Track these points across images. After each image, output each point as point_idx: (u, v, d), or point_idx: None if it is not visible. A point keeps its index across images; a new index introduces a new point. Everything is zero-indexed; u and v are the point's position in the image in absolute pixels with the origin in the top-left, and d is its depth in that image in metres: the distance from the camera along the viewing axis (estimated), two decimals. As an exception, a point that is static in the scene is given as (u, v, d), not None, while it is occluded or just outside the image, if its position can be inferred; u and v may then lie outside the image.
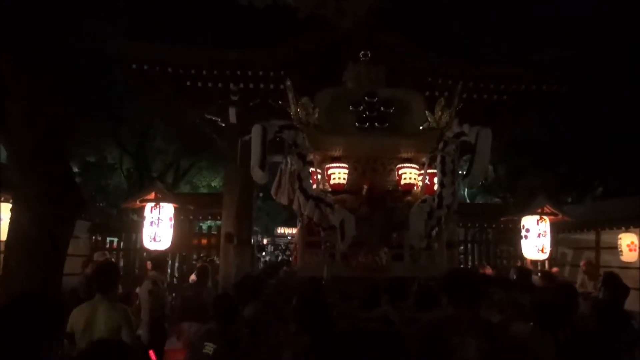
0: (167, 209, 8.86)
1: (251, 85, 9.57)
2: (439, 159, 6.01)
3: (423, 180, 6.15)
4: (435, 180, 6.09)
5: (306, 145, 5.83)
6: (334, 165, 6.09)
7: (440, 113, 6.25)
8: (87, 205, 12.27)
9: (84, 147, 18.79)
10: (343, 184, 6.05)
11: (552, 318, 3.22)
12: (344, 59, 8.80)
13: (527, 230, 9.08)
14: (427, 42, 9.47)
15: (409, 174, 6.16)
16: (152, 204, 8.77)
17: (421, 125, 6.32)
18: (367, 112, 6.20)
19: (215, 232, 11.24)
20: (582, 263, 8.58)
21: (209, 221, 13.34)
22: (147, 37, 9.41)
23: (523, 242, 9.19)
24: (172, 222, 8.92)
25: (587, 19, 13.76)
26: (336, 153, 6.17)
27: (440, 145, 6.04)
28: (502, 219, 10.22)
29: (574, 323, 3.38)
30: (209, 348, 3.14)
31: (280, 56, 9.00)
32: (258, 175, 5.66)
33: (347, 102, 6.32)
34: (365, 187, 5.98)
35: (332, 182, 6.09)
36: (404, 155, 6.26)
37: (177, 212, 9.39)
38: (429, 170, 6.18)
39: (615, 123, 13.32)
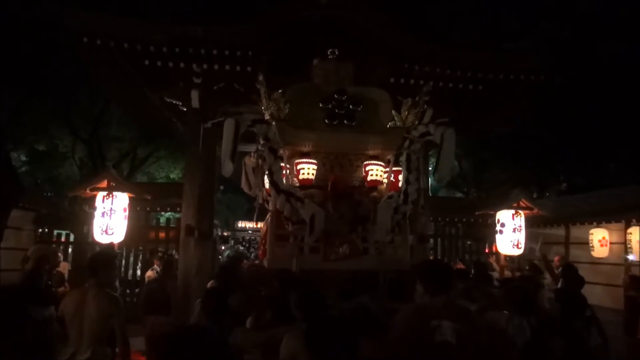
0: (121, 199, 7.95)
1: (216, 67, 8.71)
2: (404, 156, 6.15)
3: (388, 177, 6.25)
4: (400, 177, 6.20)
5: (277, 139, 5.83)
6: (303, 160, 6.09)
7: (406, 113, 6.27)
8: (31, 194, 11.24)
9: (33, 133, 17.43)
10: (312, 179, 6.06)
11: (526, 306, 3.50)
12: (319, 41, 8.17)
13: (503, 225, 8.70)
14: (405, 28, 8.88)
15: (376, 171, 6.22)
16: (105, 193, 7.83)
17: (388, 124, 6.36)
18: (336, 110, 6.19)
19: (175, 225, 10.34)
20: (556, 259, 8.25)
21: (168, 213, 12.44)
22: (102, 8, 8.34)
23: (498, 237, 8.82)
24: (127, 213, 8.00)
25: (559, 9, 13.56)
26: (305, 148, 6.15)
27: (406, 143, 6.17)
28: (477, 212, 9.77)
29: (539, 309, 3.78)
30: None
31: (249, 34, 8.20)
32: (228, 168, 5.61)
33: (317, 98, 6.27)
34: (330, 183, 5.99)
35: (300, 177, 6.08)
36: (371, 152, 6.31)
37: (133, 203, 8.50)
38: (394, 168, 6.26)
39: (584, 116, 13.15)
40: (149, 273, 8.15)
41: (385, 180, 6.29)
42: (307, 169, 6.05)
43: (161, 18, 8.59)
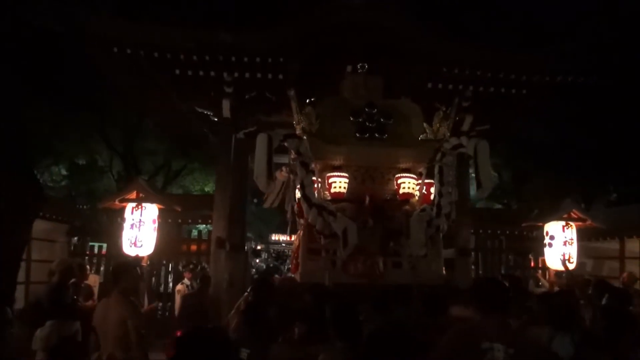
0: (151, 210, 7.68)
1: (247, 75, 8.45)
2: (437, 169, 6.08)
3: (420, 189, 6.20)
4: (432, 189, 6.14)
5: (309, 154, 5.79)
6: (335, 174, 6.08)
7: (438, 125, 6.29)
8: (64, 206, 11.16)
9: (74, 147, 17.62)
10: (343, 192, 6.03)
11: (569, 321, 3.35)
12: (352, 47, 7.80)
13: (552, 238, 8.00)
14: (443, 30, 8.39)
15: (408, 184, 6.18)
16: (134, 204, 7.57)
17: (419, 137, 6.38)
18: (367, 123, 6.19)
19: (206, 238, 10.03)
20: (624, 275, 7.44)
21: (200, 225, 12.17)
22: (130, 17, 8.19)
23: (547, 250, 8.11)
24: (156, 224, 7.72)
25: (604, 9, 12.69)
26: (337, 162, 6.16)
27: (438, 156, 6.09)
28: (523, 224, 9.08)
29: (582, 326, 3.68)
30: (244, 353, 3.23)
31: (280, 40, 7.88)
32: (263, 183, 5.67)
33: (347, 112, 6.27)
34: (367, 197, 5.91)
35: (332, 190, 6.04)
36: (402, 165, 6.26)
37: (163, 214, 8.21)
38: (426, 180, 6.22)
39: (632, 123, 12.22)
40: (179, 287, 7.84)
41: (418, 193, 6.20)
42: (339, 183, 6.01)
43: (186, 25, 8.34)
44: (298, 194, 5.94)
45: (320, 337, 3.11)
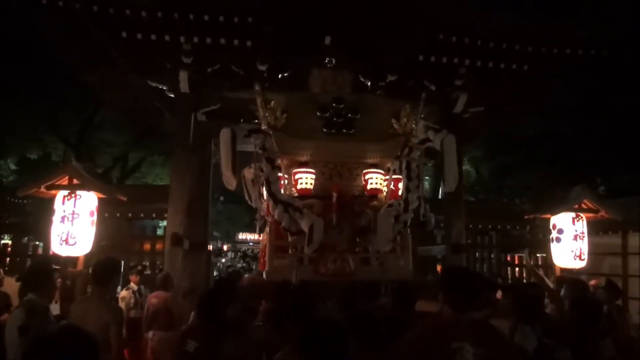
0: (87, 200, 6.01)
1: (209, 40, 6.96)
2: (404, 164, 5.94)
3: (388, 185, 6.01)
4: (400, 185, 5.99)
5: (274, 149, 5.69)
6: (302, 170, 5.89)
7: (405, 120, 6.09)
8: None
9: (23, 140, 15.71)
10: (310, 189, 5.84)
11: (533, 313, 3.16)
12: (337, 11, 6.50)
13: (560, 232, 6.73)
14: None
15: (375, 179, 6.03)
16: (65, 192, 5.88)
17: (387, 132, 6.17)
18: (334, 118, 6.00)
19: (163, 235, 8.41)
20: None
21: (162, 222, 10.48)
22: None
23: (554, 246, 6.86)
24: (95, 217, 6.05)
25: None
26: (303, 158, 5.96)
27: (406, 151, 6.00)
28: (526, 217, 7.83)
29: (547, 318, 3.49)
30: (191, 345, 2.89)
31: (250, -5, 6.37)
32: (230, 180, 5.60)
33: (314, 107, 6.05)
34: (334, 194, 5.65)
35: (299, 187, 5.86)
36: (370, 160, 6.12)
37: (108, 208, 6.58)
38: (393, 176, 6.03)
39: (622, 110, 11.17)
40: (124, 293, 6.19)
41: (386, 189, 6.01)
42: (306, 179, 5.80)
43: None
44: (264, 191, 5.73)
45: (284, 335, 2.91)
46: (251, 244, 33.00)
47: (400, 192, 5.90)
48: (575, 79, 9.01)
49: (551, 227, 6.92)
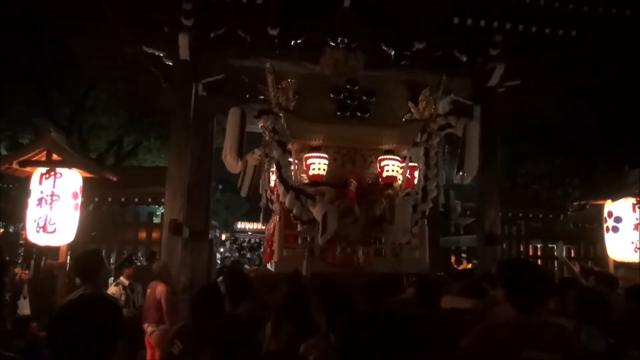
0: (70, 180, 4.98)
1: (213, -1, 5.80)
2: (422, 151, 5.53)
3: (404, 173, 5.55)
4: (416, 173, 5.61)
5: (285, 132, 5.20)
6: (314, 155, 5.34)
7: (424, 104, 5.62)
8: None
9: (14, 123, 14.61)
10: (322, 175, 5.31)
11: (599, 313, 2.72)
12: None
13: (618, 220, 5.77)
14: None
15: (392, 167, 5.49)
16: (43, 170, 4.86)
17: (404, 116, 5.74)
18: (348, 101, 5.54)
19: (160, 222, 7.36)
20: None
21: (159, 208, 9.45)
22: None
23: (609, 236, 5.91)
24: (79, 200, 5.02)
25: None
26: (315, 142, 5.42)
27: (424, 137, 5.55)
28: (575, 203, 6.85)
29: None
30: (176, 347, 2.71)
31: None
32: (232, 163, 5.19)
33: (327, 88, 5.58)
34: (353, 181, 5.19)
35: (311, 172, 5.33)
36: (385, 146, 5.57)
37: (97, 191, 5.54)
38: (410, 163, 5.61)
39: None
40: (113, 289, 5.14)
41: (401, 177, 5.58)
42: (318, 164, 5.29)
43: None
44: (273, 177, 5.37)
45: (308, 333, 2.59)
46: (249, 233, 32.07)
47: (416, 181, 5.54)
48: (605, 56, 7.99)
49: (606, 215, 5.97)
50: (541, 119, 12.35)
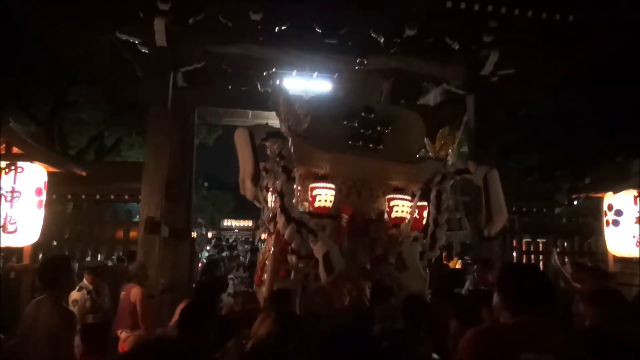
0: (33, 175, 4.51)
1: (191, -22, 5.35)
2: (434, 193, 5.06)
3: (412, 212, 5.03)
4: (425, 214, 5.14)
5: (292, 158, 4.65)
6: (321, 185, 4.87)
7: (441, 142, 5.40)
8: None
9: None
10: (328, 207, 4.83)
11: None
12: None
13: (618, 213, 5.46)
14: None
15: (401, 207, 4.96)
16: (2, 163, 4.38)
17: (418, 153, 5.44)
18: (362, 130, 5.05)
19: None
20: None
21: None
22: None
23: (609, 230, 5.61)
24: (43, 197, 4.56)
25: None
26: (322, 171, 4.93)
27: (437, 178, 5.08)
28: (573, 196, 6.54)
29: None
30: None
31: None
32: (249, 189, 4.52)
33: (340, 114, 5.06)
34: (345, 216, 4.74)
35: (316, 204, 4.85)
36: (395, 182, 5.09)
37: (68, 187, 5.05)
38: (418, 203, 5.11)
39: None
40: (75, 295, 4.64)
41: (409, 217, 5.06)
42: (325, 196, 4.81)
43: None
44: (271, 198, 4.98)
45: None
46: (236, 230, 31.57)
47: (424, 222, 5.08)
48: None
49: (606, 208, 5.64)
50: (531, 111, 12.11)
